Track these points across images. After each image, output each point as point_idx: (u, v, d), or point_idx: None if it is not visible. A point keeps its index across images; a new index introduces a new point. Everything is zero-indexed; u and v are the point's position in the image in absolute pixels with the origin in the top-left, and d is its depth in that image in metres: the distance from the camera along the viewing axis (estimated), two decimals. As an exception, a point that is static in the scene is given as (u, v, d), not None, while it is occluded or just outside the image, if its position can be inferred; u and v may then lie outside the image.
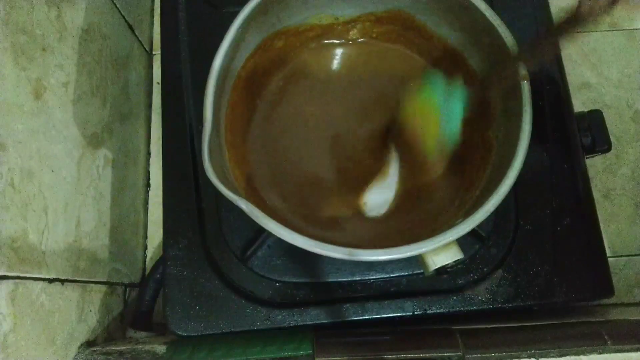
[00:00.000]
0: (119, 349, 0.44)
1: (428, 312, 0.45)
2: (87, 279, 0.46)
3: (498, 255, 0.46)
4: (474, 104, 0.40)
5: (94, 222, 0.49)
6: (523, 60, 0.39)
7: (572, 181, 0.48)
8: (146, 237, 0.62)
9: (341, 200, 0.46)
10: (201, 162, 0.35)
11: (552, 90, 0.50)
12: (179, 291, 0.45)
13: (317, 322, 0.45)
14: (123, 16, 0.59)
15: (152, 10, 0.69)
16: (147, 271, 0.59)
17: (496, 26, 0.40)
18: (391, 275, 0.46)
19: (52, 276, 0.40)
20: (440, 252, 0.36)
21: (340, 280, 0.46)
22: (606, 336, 0.39)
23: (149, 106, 0.66)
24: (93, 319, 0.47)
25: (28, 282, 0.37)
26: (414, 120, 0.43)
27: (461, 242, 0.36)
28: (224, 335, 0.44)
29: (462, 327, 0.41)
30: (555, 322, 0.43)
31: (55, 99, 0.43)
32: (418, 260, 0.37)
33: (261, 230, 0.45)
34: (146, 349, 0.43)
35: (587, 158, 0.50)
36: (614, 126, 0.64)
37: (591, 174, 0.53)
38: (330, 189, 0.47)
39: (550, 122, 0.49)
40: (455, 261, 0.36)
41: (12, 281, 0.35)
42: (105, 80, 0.53)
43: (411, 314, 0.45)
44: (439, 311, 0.45)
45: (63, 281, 0.42)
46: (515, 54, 0.39)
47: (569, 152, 0.49)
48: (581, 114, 0.50)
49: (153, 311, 0.54)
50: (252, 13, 0.41)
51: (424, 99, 0.42)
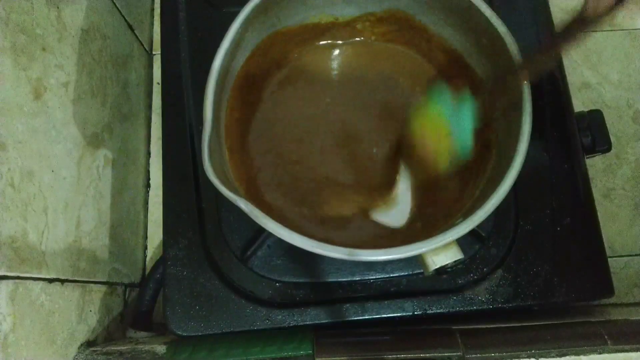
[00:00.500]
0: (119, 349, 0.44)
1: (428, 312, 0.45)
2: (87, 279, 0.46)
3: (498, 255, 0.46)
4: (481, 113, 0.40)
5: (94, 222, 0.49)
6: (526, 71, 0.39)
7: (572, 181, 0.48)
8: (146, 237, 0.62)
9: (341, 200, 0.46)
10: (201, 162, 0.35)
11: (552, 90, 0.50)
12: (179, 291, 0.45)
13: (317, 322, 0.45)
14: (123, 16, 0.59)
15: (152, 10, 0.69)
16: (147, 271, 0.59)
17: (497, 27, 0.40)
18: (391, 275, 0.46)
19: (52, 276, 0.40)
20: (440, 252, 0.36)
21: (340, 280, 0.46)
22: (606, 336, 0.39)
23: (149, 106, 0.66)
24: (93, 319, 0.47)
25: (28, 282, 0.37)
26: (423, 138, 0.42)
27: (461, 242, 0.36)
28: (224, 335, 0.44)
29: (462, 327, 0.41)
30: (555, 322, 0.43)
31: (55, 99, 0.43)
32: (418, 260, 0.37)
33: (261, 230, 0.45)
34: (146, 349, 0.43)
35: (587, 158, 0.50)
36: (614, 126, 0.64)
37: (591, 174, 0.53)
38: (330, 189, 0.47)
39: (550, 122, 0.49)
40: (455, 261, 0.36)
41: (12, 281, 0.35)
42: (105, 80, 0.53)
43: (411, 314, 0.45)
44: (439, 311, 0.45)
45: (63, 281, 0.42)
46: (519, 64, 0.39)
47: (569, 152, 0.49)
48: (581, 114, 0.50)
49: (153, 311, 0.54)
50: (252, 13, 0.41)
51: (432, 114, 0.41)
